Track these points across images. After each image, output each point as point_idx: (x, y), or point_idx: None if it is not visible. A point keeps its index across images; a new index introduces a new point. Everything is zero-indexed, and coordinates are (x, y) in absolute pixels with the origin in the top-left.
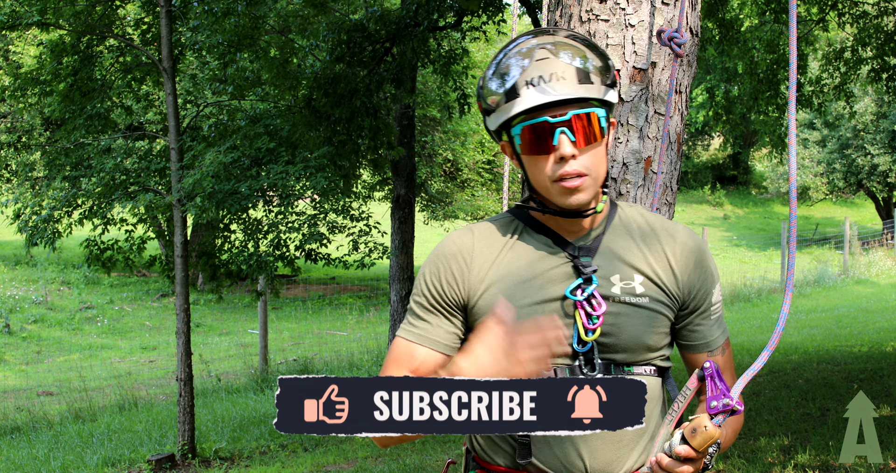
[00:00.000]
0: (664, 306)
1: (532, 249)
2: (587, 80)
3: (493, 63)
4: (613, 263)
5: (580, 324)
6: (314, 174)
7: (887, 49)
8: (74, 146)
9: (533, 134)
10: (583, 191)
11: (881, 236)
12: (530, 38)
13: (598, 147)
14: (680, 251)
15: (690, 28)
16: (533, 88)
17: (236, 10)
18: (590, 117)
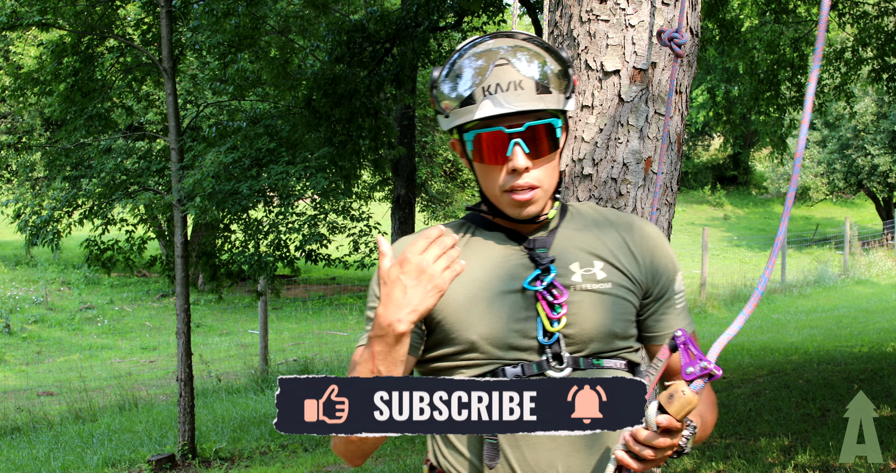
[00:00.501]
0: (628, 291)
1: (486, 245)
2: (545, 90)
3: (449, 63)
4: (571, 251)
5: (543, 315)
6: (314, 175)
7: (888, 49)
8: (75, 147)
9: (486, 143)
10: (533, 203)
11: (881, 236)
12: (488, 40)
13: (551, 158)
14: (639, 236)
15: (691, 28)
16: (490, 96)
17: (237, 10)
18: (546, 129)
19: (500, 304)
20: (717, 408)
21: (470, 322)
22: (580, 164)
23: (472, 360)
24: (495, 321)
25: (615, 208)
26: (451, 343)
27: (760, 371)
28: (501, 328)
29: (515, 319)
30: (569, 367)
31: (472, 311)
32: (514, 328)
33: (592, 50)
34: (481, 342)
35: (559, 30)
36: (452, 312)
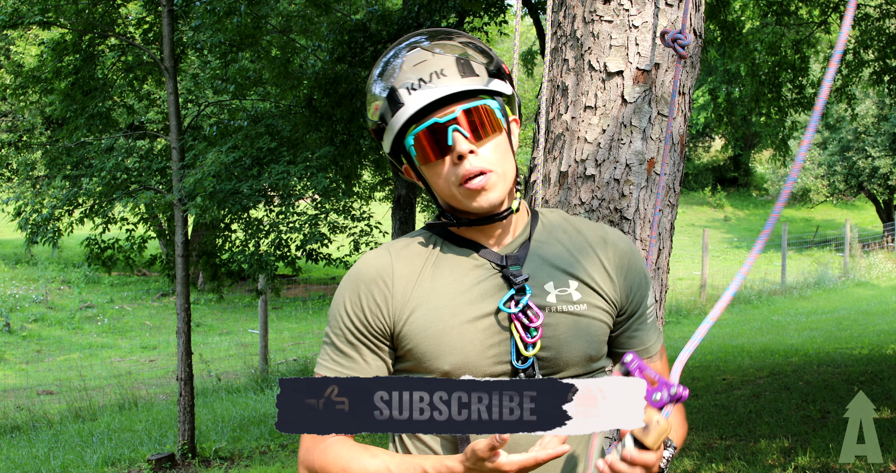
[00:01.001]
0: (602, 312)
1: (456, 262)
2: (470, 72)
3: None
4: (545, 269)
5: (518, 338)
6: (315, 174)
7: (889, 51)
8: (75, 145)
9: (426, 139)
10: (490, 189)
11: (881, 238)
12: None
13: (497, 139)
14: (613, 254)
15: (694, 29)
16: (414, 91)
17: (238, 9)
18: (481, 111)
19: (472, 331)
20: (686, 419)
21: (442, 352)
22: (583, 165)
23: None
24: (468, 349)
25: (618, 209)
26: (424, 372)
27: (760, 373)
28: (475, 356)
29: (489, 345)
30: None
31: (443, 340)
32: (488, 355)
33: (596, 51)
34: (454, 372)
35: (562, 30)
36: (423, 341)
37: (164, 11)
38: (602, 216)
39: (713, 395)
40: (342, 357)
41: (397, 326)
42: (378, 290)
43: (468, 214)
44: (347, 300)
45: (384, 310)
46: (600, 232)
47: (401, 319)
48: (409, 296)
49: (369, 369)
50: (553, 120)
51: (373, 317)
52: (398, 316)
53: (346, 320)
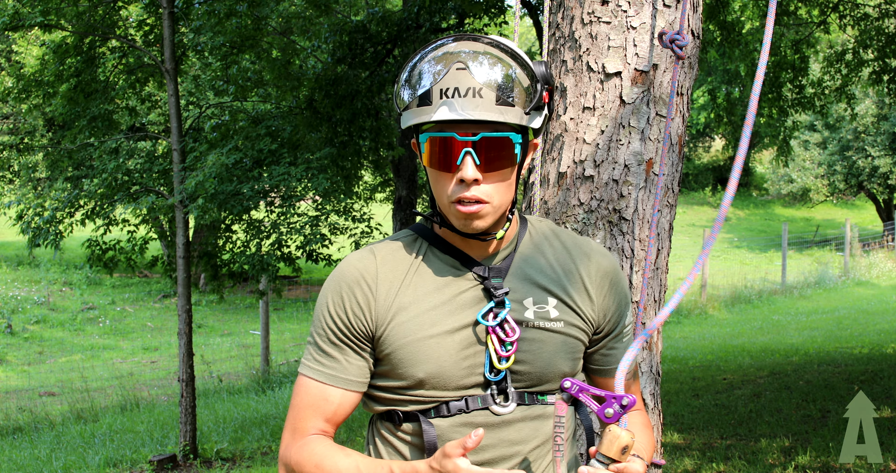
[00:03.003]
0: (579, 330)
1: (439, 271)
2: (507, 102)
3: (409, 65)
4: (526, 285)
5: (492, 351)
6: (316, 176)
7: (888, 51)
8: (77, 148)
9: (438, 148)
10: (480, 218)
11: (882, 237)
12: (450, 42)
13: (506, 174)
14: (595, 272)
15: (692, 30)
16: (448, 99)
17: (238, 11)
18: (502, 142)
19: (449, 341)
20: (650, 427)
21: (418, 360)
22: (582, 165)
23: (417, 396)
24: (444, 359)
25: (616, 209)
26: (398, 377)
27: (761, 373)
28: (450, 366)
29: (464, 356)
30: (514, 403)
31: (420, 348)
32: (463, 366)
33: (594, 52)
34: (428, 380)
35: (560, 31)
36: (401, 348)
37: (165, 13)
38: (601, 217)
39: (714, 394)
40: (325, 357)
41: (378, 330)
42: (361, 292)
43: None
44: (331, 302)
45: (366, 313)
46: (585, 249)
47: (382, 323)
48: (391, 301)
49: (350, 369)
50: (552, 121)
51: (355, 319)
52: (380, 320)
53: (329, 321)
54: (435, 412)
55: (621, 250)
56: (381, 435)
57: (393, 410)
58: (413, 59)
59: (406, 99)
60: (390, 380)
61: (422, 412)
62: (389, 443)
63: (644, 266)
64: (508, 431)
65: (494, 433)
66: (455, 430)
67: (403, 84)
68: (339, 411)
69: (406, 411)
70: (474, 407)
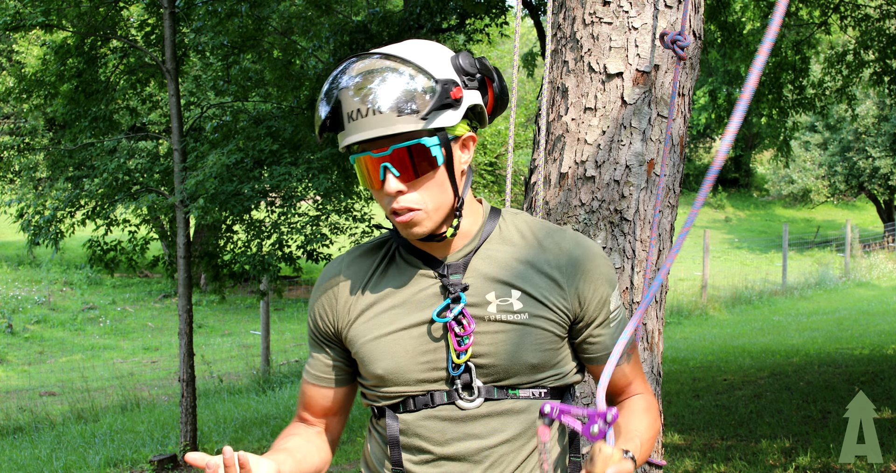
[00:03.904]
0: (547, 321)
1: (401, 272)
2: (408, 110)
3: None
4: (487, 280)
5: (451, 347)
6: (317, 175)
7: (889, 52)
8: (77, 147)
9: (362, 167)
10: (417, 225)
11: (882, 238)
12: (355, 63)
13: (431, 177)
14: (565, 261)
15: (693, 31)
16: (352, 121)
17: (240, 11)
18: (416, 150)
19: (406, 338)
20: (653, 411)
21: (376, 357)
22: (583, 166)
23: (384, 392)
24: (400, 355)
25: (618, 210)
26: (366, 376)
27: (761, 373)
28: (406, 362)
29: (423, 351)
30: (481, 397)
31: (378, 346)
32: (421, 361)
33: (595, 52)
34: (387, 376)
35: (562, 32)
36: (362, 345)
37: (166, 13)
38: (602, 217)
39: (714, 395)
40: (310, 358)
41: (343, 331)
42: (326, 297)
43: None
44: (309, 308)
45: (330, 315)
46: (557, 238)
47: (344, 324)
48: (353, 302)
49: (317, 365)
50: (553, 121)
51: (321, 321)
52: (342, 321)
53: (308, 325)
54: (402, 407)
55: (622, 250)
56: (371, 428)
57: (372, 404)
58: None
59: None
60: (363, 378)
61: (391, 407)
62: (372, 436)
63: (645, 267)
64: (474, 425)
65: (459, 427)
66: (420, 424)
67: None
68: (312, 402)
69: (379, 406)
70: (440, 402)
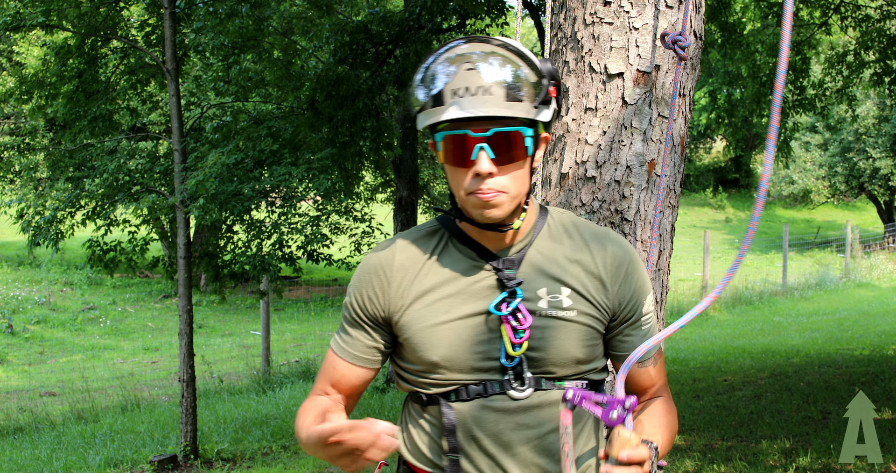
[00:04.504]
0: (592, 318)
1: (456, 262)
2: (515, 98)
3: (423, 67)
4: (539, 276)
5: (506, 339)
6: (317, 176)
7: (890, 53)
8: (78, 148)
9: (453, 145)
10: (497, 207)
11: (883, 239)
12: (462, 44)
13: (519, 166)
14: (610, 262)
15: (694, 31)
16: (458, 98)
17: (240, 11)
18: (513, 136)
19: (462, 326)
20: (671, 414)
21: (432, 344)
22: (584, 166)
23: (436, 380)
24: (457, 344)
25: (618, 210)
26: (417, 361)
27: (762, 374)
28: (463, 351)
29: (478, 341)
30: (530, 387)
31: (435, 333)
32: (476, 351)
33: (596, 52)
34: (442, 363)
35: (563, 32)
36: (417, 332)
37: (166, 14)
38: (603, 218)
39: (714, 396)
40: (344, 335)
41: (394, 315)
42: (377, 280)
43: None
44: (353, 288)
45: (380, 298)
46: (602, 239)
47: (397, 309)
48: (405, 290)
49: (357, 345)
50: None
51: (370, 303)
52: (395, 306)
53: (349, 304)
54: (455, 396)
55: None
56: (411, 415)
57: (418, 391)
58: (427, 61)
59: (421, 99)
60: (410, 363)
61: (443, 395)
62: (417, 423)
63: (646, 267)
64: (525, 416)
65: (511, 417)
66: (474, 413)
67: (418, 85)
68: (342, 380)
69: (429, 394)
70: (492, 392)
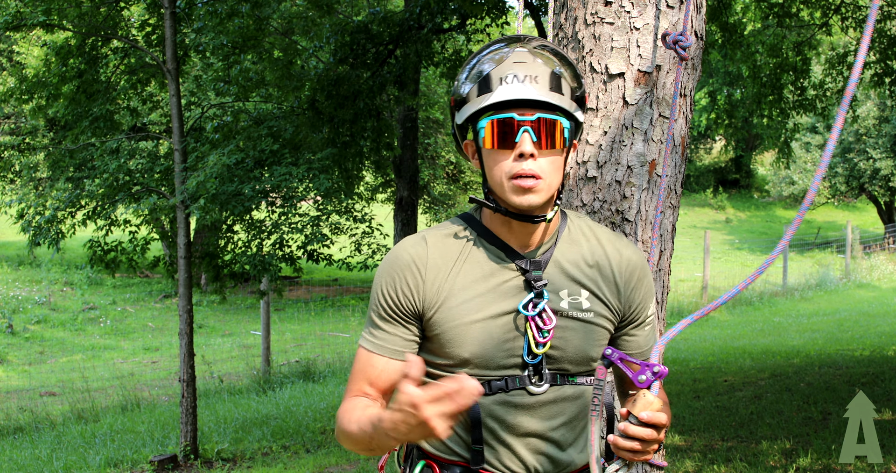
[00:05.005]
0: (606, 320)
1: (485, 261)
2: (559, 89)
3: (468, 65)
4: (562, 278)
5: (531, 337)
6: (317, 176)
7: (890, 53)
8: (78, 147)
9: (498, 128)
10: (535, 193)
11: (883, 239)
12: (504, 46)
13: (557, 156)
14: (626, 267)
15: (695, 31)
16: (507, 84)
17: (240, 11)
18: (555, 125)
19: (493, 325)
20: (670, 407)
21: (464, 341)
22: (584, 166)
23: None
24: (487, 342)
25: (619, 211)
26: (446, 356)
27: (762, 374)
28: (492, 348)
29: (505, 339)
30: (547, 383)
31: (467, 331)
32: (504, 349)
33: (597, 52)
34: (473, 360)
35: (564, 32)
36: (450, 329)
37: (167, 14)
38: (604, 218)
39: (715, 396)
40: (377, 331)
41: (428, 311)
42: (411, 275)
43: (508, 206)
44: (384, 283)
45: (415, 294)
46: (618, 244)
47: (431, 305)
48: (440, 286)
49: (395, 341)
50: None
51: (404, 299)
52: (429, 302)
53: (382, 299)
54: None
55: None
56: None
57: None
58: (471, 60)
59: (465, 92)
60: (439, 358)
61: None
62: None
63: None
64: (541, 411)
65: (528, 411)
66: (496, 407)
67: (464, 81)
68: (382, 376)
69: None
70: (513, 387)
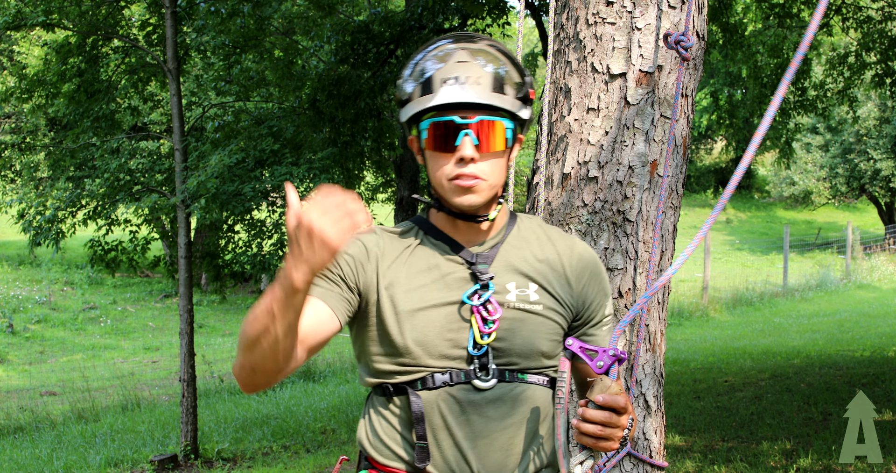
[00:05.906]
0: (557, 314)
1: (431, 254)
2: (501, 90)
3: (412, 62)
4: (509, 271)
5: (476, 328)
6: (318, 175)
7: (891, 54)
8: (79, 147)
9: (438, 131)
10: (476, 193)
11: (883, 240)
12: (450, 43)
13: (498, 157)
14: (577, 262)
15: (697, 31)
16: (447, 86)
17: (242, 11)
18: (496, 126)
19: (436, 314)
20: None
21: (405, 328)
22: (586, 167)
23: (405, 364)
24: (429, 330)
25: (620, 211)
26: (387, 344)
27: (762, 375)
28: (434, 336)
29: (449, 329)
30: (494, 378)
31: (408, 318)
32: (447, 338)
33: (599, 53)
34: (414, 347)
35: (565, 32)
36: (392, 315)
37: (168, 13)
38: (605, 218)
39: (715, 397)
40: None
41: (369, 293)
42: (360, 253)
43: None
44: (342, 251)
45: (358, 268)
46: (569, 242)
47: (372, 287)
48: (385, 270)
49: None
50: (556, 122)
51: (349, 269)
52: (369, 283)
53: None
54: (421, 384)
55: (625, 251)
56: (376, 408)
57: (384, 383)
58: (415, 57)
59: (408, 90)
60: (381, 346)
61: (409, 384)
62: (383, 415)
63: (648, 268)
64: (488, 408)
65: (476, 408)
66: (440, 402)
67: (406, 79)
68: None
69: (395, 383)
70: (457, 380)
